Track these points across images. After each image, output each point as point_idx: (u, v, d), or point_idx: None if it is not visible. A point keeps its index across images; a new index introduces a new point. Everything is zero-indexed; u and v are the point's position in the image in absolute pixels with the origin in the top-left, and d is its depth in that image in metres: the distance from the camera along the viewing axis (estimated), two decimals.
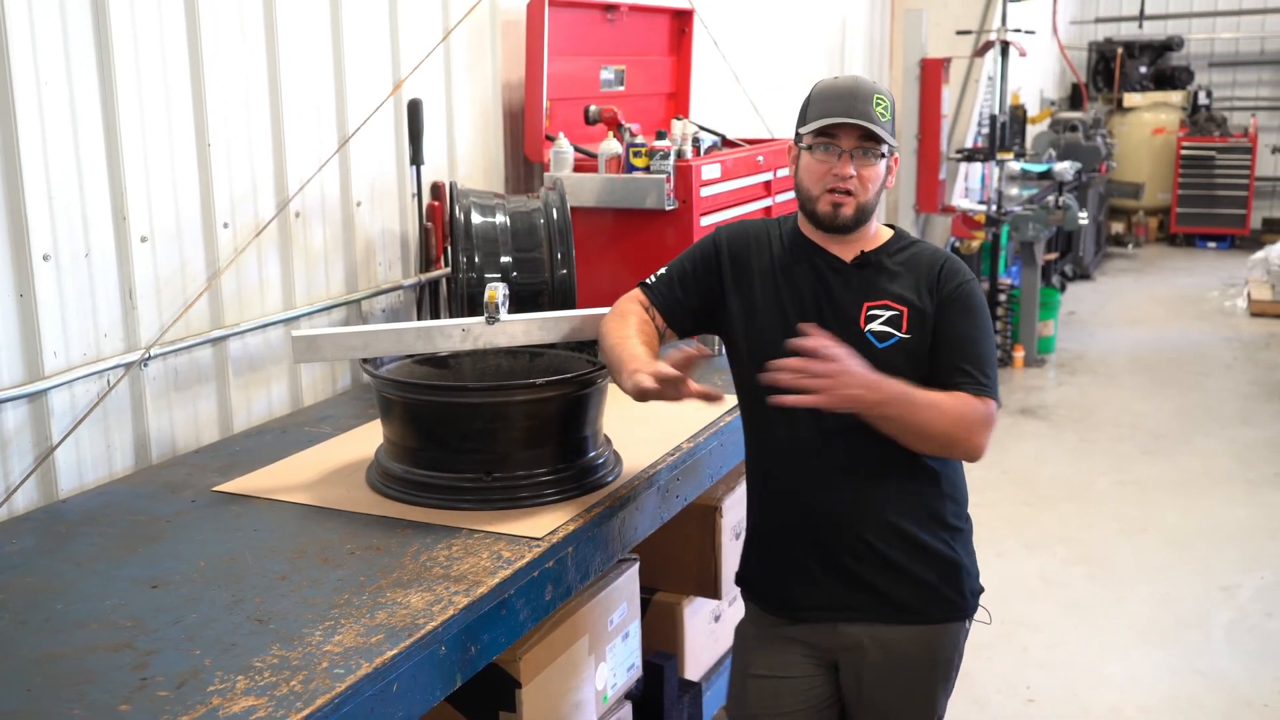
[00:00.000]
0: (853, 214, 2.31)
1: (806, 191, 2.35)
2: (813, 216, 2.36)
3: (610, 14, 4.28)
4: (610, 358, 2.36)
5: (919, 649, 2.39)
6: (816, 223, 2.36)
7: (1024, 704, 3.92)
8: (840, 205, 2.30)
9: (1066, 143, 10.78)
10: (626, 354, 2.29)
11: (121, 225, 2.65)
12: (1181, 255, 12.62)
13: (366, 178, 3.38)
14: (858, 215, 2.32)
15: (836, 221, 2.32)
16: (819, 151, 2.31)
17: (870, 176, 2.31)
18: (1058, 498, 5.76)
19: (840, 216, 2.31)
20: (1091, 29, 14.02)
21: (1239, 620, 4.49)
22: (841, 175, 2.29)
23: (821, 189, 2.31)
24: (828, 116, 2.28)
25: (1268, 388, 7.61)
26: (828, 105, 2.30)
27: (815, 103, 2.34)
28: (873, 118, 2.27)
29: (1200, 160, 12.76)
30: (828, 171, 2.30)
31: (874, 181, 2.32)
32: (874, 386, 2.14)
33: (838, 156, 2.29)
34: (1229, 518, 5.52)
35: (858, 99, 2.29)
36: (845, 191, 2.30)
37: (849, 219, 2.32)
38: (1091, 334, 9.10)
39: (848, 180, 2.29)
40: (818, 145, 2.31)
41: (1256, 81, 13.77)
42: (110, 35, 2.57)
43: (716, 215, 3.85)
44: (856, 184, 2.30)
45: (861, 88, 2.31)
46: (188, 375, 2.86)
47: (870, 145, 2.29)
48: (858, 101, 2.28)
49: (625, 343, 2.34)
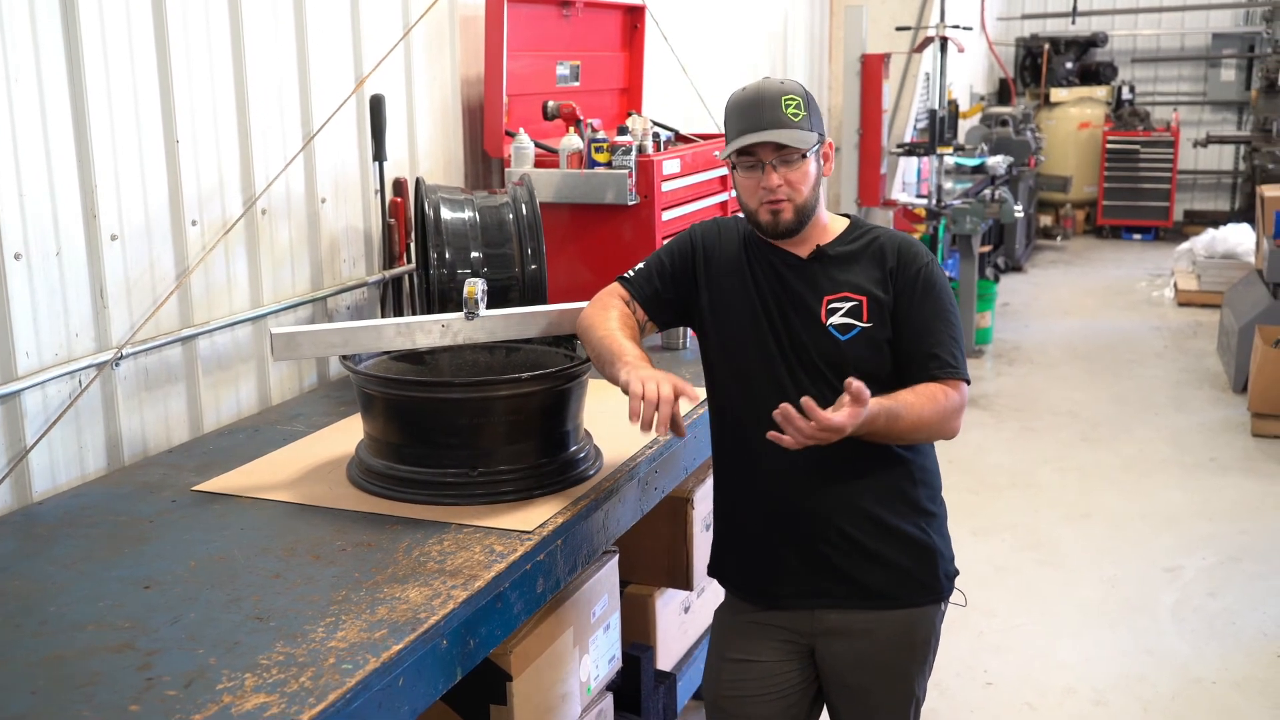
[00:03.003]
0: (792, 217, 2.35)
1: (746, 206, 2.40)
2: (758, 227, 2.40)
3: (565, 10, 4.29)
4: (599, 350, 2.37)
5: (896, 632, 2.43)
6: (763, 232, 2.40)
7: (983, 687, 4.01)
8: (779, 212, 2.34)
9: (998, 137, 10.96)
10: (617, 347, 2.32)
11: (92, 223, 2.61)
12: (1108, 247, 12.87)
13: (330, 174, 3.37)
14: (798, 217, 2.35)
15: (779, 229, 2.36)
16: (744, 169, 2.35)
17: (798, 179, 2.33)
18: (1003, 485, 5.88)
19: (781, 223, 2.35)
20: (1018, 25, 14.26)
21: (1184, 601, 4.61)
22: (769, 187, 2.32)
23: (757, 202, 2.35)
24: (742, 135, 2.31)
25: (1198, 375, 7.80)
26: (739, 123, 2.33)
27: (730, 121, 2.37)
28: (783, 123, 2.29)
29: (1125, 154, 13.02)
30: (757, 186, 2.33)
31: (805, 182, 2.34)
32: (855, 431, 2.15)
33: (761, 170, 2.32)
34: (1168, 502, 5.67)
35: (764, 108, 2.30)
36: (778, 200, 2.33)
37: (790, 223, 2.35)
38: (1026, 325, 9.26)
39: (776, 190, 2.32)
40: (741, 164, 2.35)
41: (1177, 77, 14.10)
42: (79, 31, 2.54)
43: (677, 210, 3.88)
44: (787, 189, 2.32)
45: (766, 95, 2.32)
46: (158, 375, 2.83)
47: (789, 152, 2.31)
48: (764, 111, 2.30)
49: (614, 336, 2.36)
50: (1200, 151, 13.27)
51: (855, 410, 2.12)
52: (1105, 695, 3.95)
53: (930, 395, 2.29)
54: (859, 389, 2.11)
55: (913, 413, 2.26)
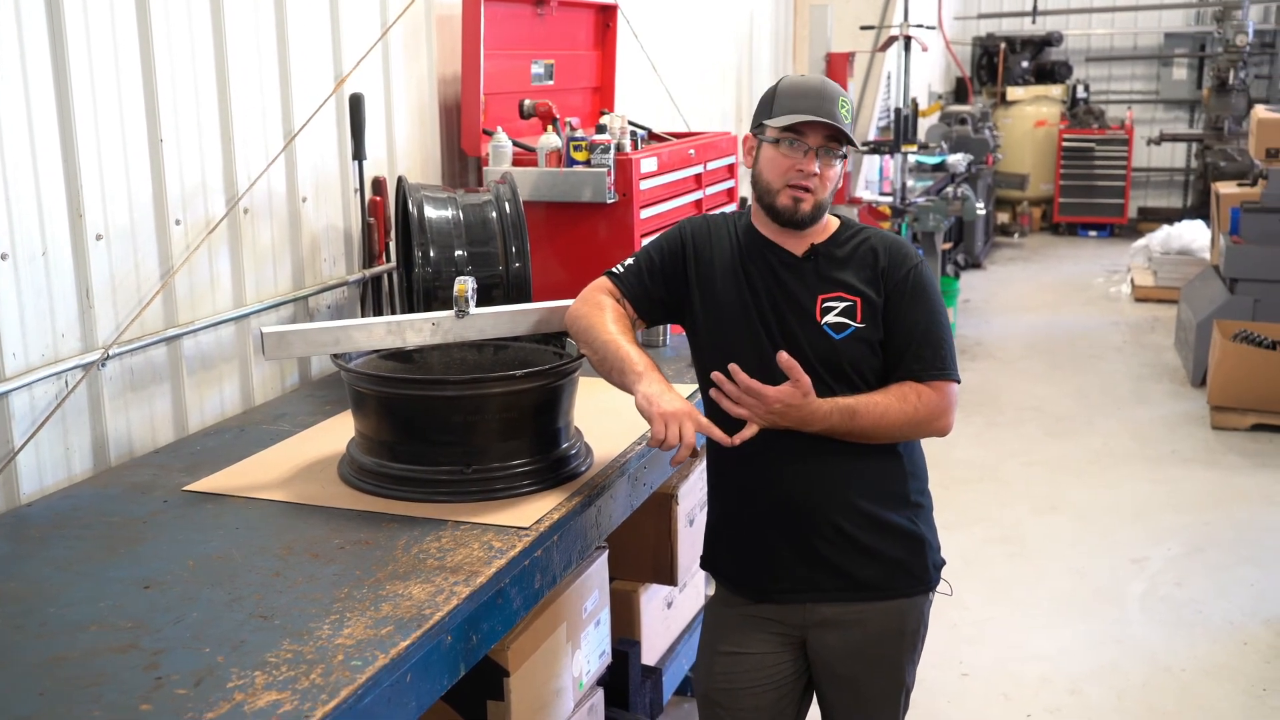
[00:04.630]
0: (810, 210, 2.36)
1: (767, 184, 2.38)
2: (771, 209, 2.39)
3: (540, 9, 4.30)
4: (603, 355, 2.37)
5: (888, 623, 2.46)
6: (774, 215, 2.39)
7: (959, 678, 4.06)
8: (800, 200, 2.35)
9: (957, 135, 11.07)
10: (625, 354, 2.33)
11: (78, 223, 2.60)
12: (1065, 244, 13.03)
13: (311, 173, 3.36)
14: (815, 211, 2.37)
15: (796, 216, 2.36)
16: (785, 146, 2.34)
17: (830, 176, 2.36)
18: (971, 480, 5.95)
19: (800, 211, 2.36)
20: (974, 24, 14.40)
21: (1151, 591, 4.69)
22: (806, 171, 2.33)
23: (783, 183, 2.35)
24: (797, 113, 2.32)
25: (1157, 369, 7.93)
26: (797, 102, 2.34)
27: (783, 98, 2.37)
28: (839, 119, 2.32)
29: (1080, 152, 13.19)
30: (791, 167, 2.34)
31: (832, 181, 2.38)
32: (806, 423, 2.27)
33: (803, 153, 2.33)
34: (1133, 493, 5.76)
35: (825, 99, 2.33)
36: (805, 188, 2.34)
37: (807, 214, 2.36)
38: (988, 321, 9.37)
39: (810, 178, 2.33)
40: (784, 139, 2.34)
41: (1131, 76, 14.30)
42: (64, 31, 2.52)
43: (654, 208, 3.91)
44: (817, 182, 2.34)
45: (829, 89, 2.36)
46: (143, 375, 2.82)
47: (834, 146, 2.34)
48: (825, 101, 2.33)
49: (617, 342, 2.36)
50: (1153, 149, 13.48)
51: (790, 391, 2.21)
52: (1079, 685, 4.01)
53: (900, 395, 2.33)
54: (788, 362, 2.21)
55: (874, 411, 2.30)
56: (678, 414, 2.20)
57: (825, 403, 2.26)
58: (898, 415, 2.32)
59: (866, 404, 2.30)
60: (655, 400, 2.22)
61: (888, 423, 2.32)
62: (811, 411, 2.25)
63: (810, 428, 2.28)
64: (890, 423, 2.32)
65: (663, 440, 2.19)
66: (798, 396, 2.23)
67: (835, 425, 2.28)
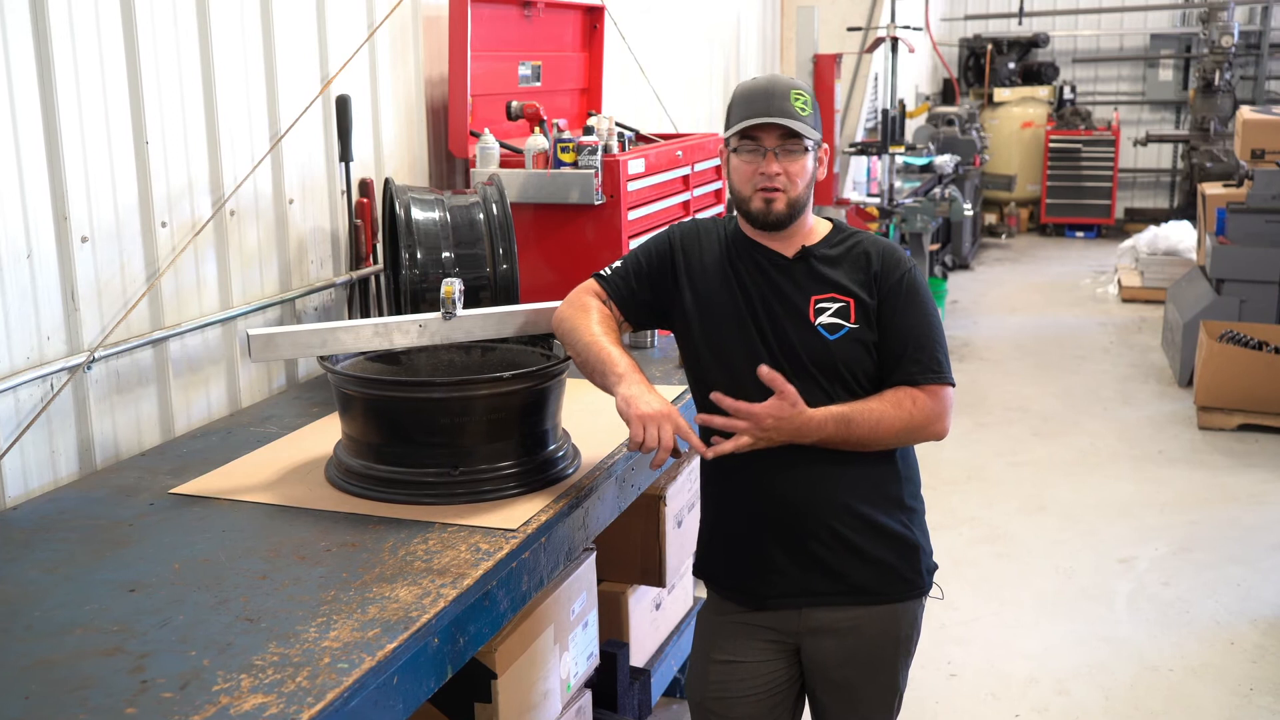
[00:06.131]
0: (784, 209, 2.36)
1: (739, 192, 2.41)
2: (748, 215, 2.41)
3: (527, 10, 4.30)
4: (586, 356, 2.37)
5: (881, 627, 2.46)
6: (752, 221, 2.41)
7: (947, 678, 4.07)
8: (771, 201, 2.35)
9: (944, 136, 11.09)
10: (606, 355, 2.33)
11: (63, 225, 2.59)
12: (1052, 245, 13.07)
13: (297, 175, 3.35)
14: (790, 210, 2.37)
15: (770, 218, 2.37)
16: (744, 153, 2.36)
17: (797, 171, 2.36)
18: (959, 479, 5.96)
19: (773, 213, 2.36)
20: (961, 25, 14.44)
21: (1138, 590, 4.71)
22: (767, 174, 2.34)
23: (752, 188, 2.37)
24: (748, 118, 2.33)
25: (1143, 369, 7.95)
26: (747, 107, 2.35)
27: (736, 105, 2.39)
28: (791, 114, 2.32)
29: (1067, 153, 13.23)
30: (755, 171, 2.36)
31: (802, 176, 2.37)
32: (802, 434, 2.26)
33: (762, 156, 2.34)
34: (1119, 493, 5.78)
35: (774, 97, 2.34)
36: (774, 189, 2.35)
37: (782, 214, 2.37)
38: (975, 322, 9.39)
39: (774, 178, 2.34)
40: (743, 147, 2.36)
41: (1117, 77, 14.34)
42: (49, 32, 2.51)
43: (642, 210, 3.91)
44: (784, 180, 2.35)
45: (778, 86, 2.36)
46: (129, 377, 2.81)
47: (792, 142, 2.34)
48: (775, 99, 2.33)
49: (600, 343, 2.36)
50: (1140, 150, 13.53)
51: (778, 404, 2.20)
52: (1066, 684, 4.02)
53: (895, 401, 2.33)
54: (769, 375, 2.21)
55: (869, 418, 2.29)
56: (656, 416, 2.20)
57: (819, 412, 2.26)
58: (894, 421, 2.31)
59: (861, 411, 2.29)
60: (634, 402, 2.22)
61: (884, 429, 2.31)
62: (805, 422, 2.24)
63: (806, 439, 2.27)
64: (886, 429, 2.31)
65: (641, 443, 2.19)
66: (786, 408, 2.22)
67: (831, 435, 2.28)
